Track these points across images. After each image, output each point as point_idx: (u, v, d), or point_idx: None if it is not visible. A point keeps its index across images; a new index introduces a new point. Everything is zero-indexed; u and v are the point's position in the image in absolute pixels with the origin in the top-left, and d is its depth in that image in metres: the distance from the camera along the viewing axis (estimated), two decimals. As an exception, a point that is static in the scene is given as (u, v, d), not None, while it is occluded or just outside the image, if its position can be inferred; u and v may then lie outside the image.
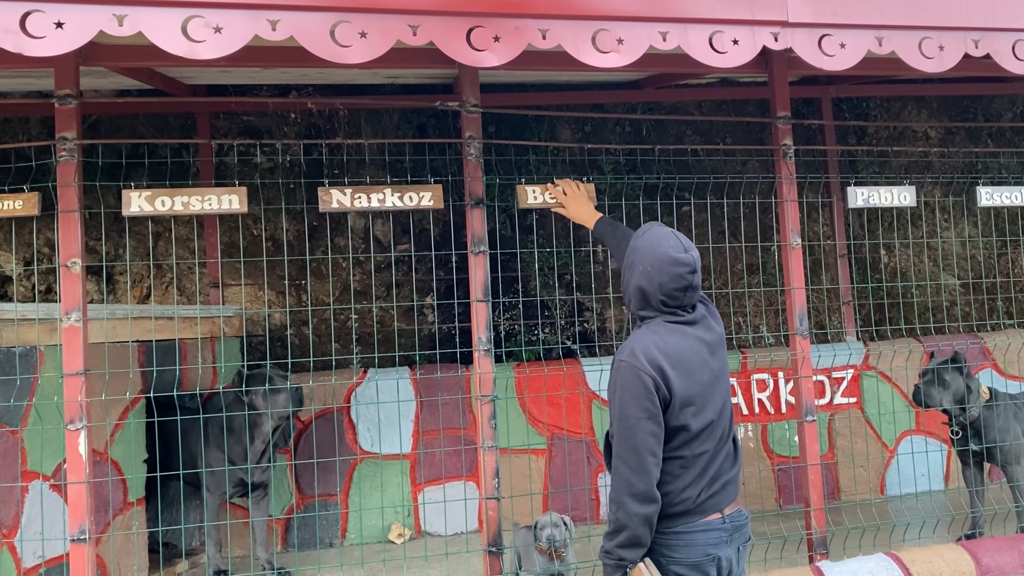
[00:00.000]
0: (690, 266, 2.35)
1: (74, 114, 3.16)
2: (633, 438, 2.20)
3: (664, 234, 2.40)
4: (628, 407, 2.21)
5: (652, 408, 2.20)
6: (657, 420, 2.21)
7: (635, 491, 2.18)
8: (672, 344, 2.29)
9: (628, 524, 2.17)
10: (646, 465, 2.19)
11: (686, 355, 2.30)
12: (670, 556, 2.26)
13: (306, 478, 4.86)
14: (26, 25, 2.46)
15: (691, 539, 2.26)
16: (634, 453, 2.19)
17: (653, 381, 2.21)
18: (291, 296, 5.37)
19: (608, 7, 2.86)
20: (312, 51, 2.65)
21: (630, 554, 2.20)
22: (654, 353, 2.25)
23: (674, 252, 2.35)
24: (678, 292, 2.34)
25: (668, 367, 2.24)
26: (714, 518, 2.30)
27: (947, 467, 5.53)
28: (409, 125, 5.60)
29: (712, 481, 2.31)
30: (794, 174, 3.86)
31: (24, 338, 3.66)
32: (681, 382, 2.26)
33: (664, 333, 2.31)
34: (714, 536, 2.29)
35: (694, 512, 2.28)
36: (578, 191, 3.69)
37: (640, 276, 2.38)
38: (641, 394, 2.20)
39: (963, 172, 6.11)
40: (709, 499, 2.30)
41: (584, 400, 5.15)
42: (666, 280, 2.34)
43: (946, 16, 3.21)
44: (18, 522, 3.62)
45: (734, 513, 2.35)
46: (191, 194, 3.29)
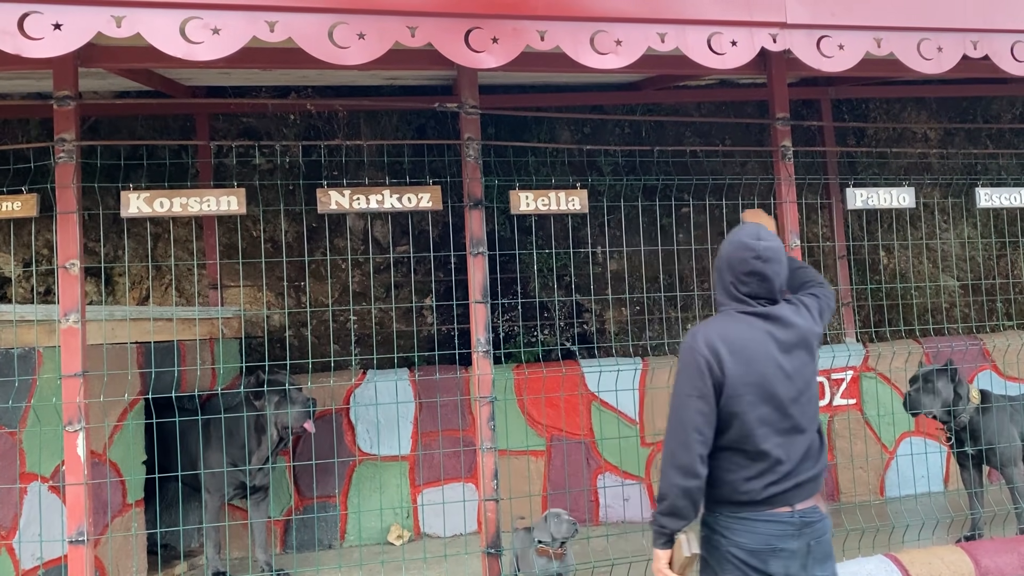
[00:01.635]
0: (754, 251, 2.41)
1: (73, 115, 3.17)
2: (682, 413, 2.31)
3: (746, 226, 2.52)
4: (681, 384, 2.34)
5: (703, 388, 2.30)
6: (707, 400, 2.30)
7: (677, 463, 2.28)
8: (735, 331, 2.37)
9: (668, 494, 2.29)
10: (690, 440, 2.28)
11: (748, 344, 2.36)
12: (731, 539, 2.33)
13: (305, 480, 4.85)
14: (24, 26, 2.46)
15: (754, 527, 2.33)
16: (681, 428, 2.31)
17: (707, 362, 2.31)
18: (290, 297, 5.37)
19: (606, 8, 2.86)
20: (310, 52, 2.65)
21: (670, 522, 2.31)
22: (713, 337, 2.34)
23: (746, 238, 2.44)
24: (745, 276, 2.41)
25: (725, 352, 2.32)
26: (782, 511, 2.34)
27: (947, 469, 5.52)
28: (408, 126, 5.60)
29: (783, 478, 2.34)
30: (793, 175, 3.87)
31: (23, 339, 3.66)
32: (737, 369, 2.32)
33: (730, 321, 2.41)
34: (778, 528, 2.33)
35: (760, 503, 2.33)
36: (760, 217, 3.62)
37: (717, 260, 2.51)
38: (694, 373, 2.31)
39: (962, 173, 6.11)
40: (779, 494, 2.34)
41: (583, 401, 5.14)
42: (734, 262, 2.43)
43: (944, 17, 3.21)
44: (16, 524, 3.62)
45: (807, 509, 2.37)
46: (189, 195, 3.29)
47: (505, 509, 4.34)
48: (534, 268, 5.57)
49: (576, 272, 5.62)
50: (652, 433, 5.21)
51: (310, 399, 4.20)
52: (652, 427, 5.21)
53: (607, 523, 5.11)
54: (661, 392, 5.20)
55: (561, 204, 3.66)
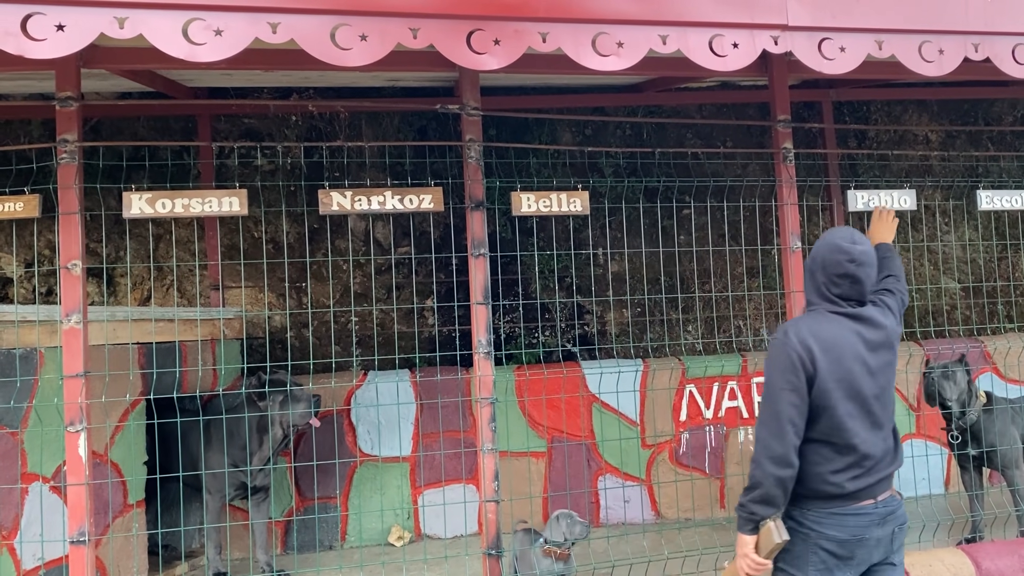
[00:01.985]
0: (849, 254, 2.49)
1: (75, 116, 3.17)
2: (776, 405, 2.41)
3: (842, 229, 2.60)
4: (774, 378, 2.43)
5: (796, 381, 2.40)
6: (800, 394, 2.40)
7: (772, 453, 2.38)
8: (826, 330, 2.47)
9: (763, 482, 2.39)
10: (784, 431, 2.38)
11: (838, 342, 2.45)
12: (820, 532, 2.43)
13: (306, 481, 4.85)
14: (27, 27, 2.46)
15: (842, 520, 2.43)
16: (775, 419, 2.40)
17: (799, 357, 2.40)
18: (291, 298, 5.38)
19: (608, 10, 2.86)
20: (312, 54, 2.65)
21: (761, 510, 2.41)
22: (804, 334, 2.44)
23: (840, 241, 2.53)
24: (838, 278, 2.50)
25: (817, 348, 2.41)
26: (867, 503, 2.45)
27: (947, 471, 5.52)
28: (410, 128, 5.60)
29: (867, 472, 2.44)
30: (794, 177, 3.87)
31: (25, 340, 3.66)
32: (828, 365, 2.41)
33: (821, 320, 2.50)
34: (865, 519, 2.43)
35: (847, 497, 2.43)
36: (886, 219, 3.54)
37: (809, 260, 2.60)
38: (787, 368, 2.41)
39: (964, 176, 6.11)
40: (863, 488, 2.44)
41: (584, 403, 5.14)
42: (828, 265, 2.52)
43: (946, 20, 3.21)
44: (18, 524, 3.62)
45: (887, 499, 2.48)
46: (191, 196, 3.29)
47: (506, 510, 4.35)
48: (535, 269, 5.57)
49: (577, 273, 5.62)
50: (652, 435, 5.21)
51: (314, 395, 4.22)
52: (652, 429, 5.21)
53: (607, 525, 5.11)
54: (662, 394, 5.21)
55: (562, 206, 3.67)
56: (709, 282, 5.74)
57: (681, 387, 5.28)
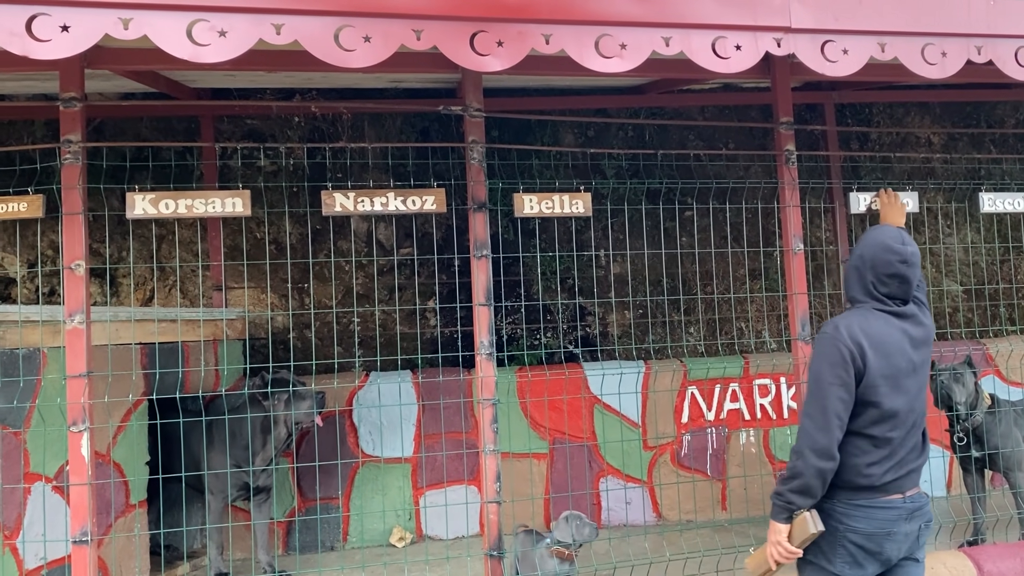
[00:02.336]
0: (900, 255, 2.54)
1: (79, 117, 3.18)
2: (823, 399, 2.44)
3: (888, 228, 2.66)
4: (823, 371, 2.46)
5: (845, 376, 2.43)
6: (848, 389, 2.44)
7: (816, 445, 2.41)
8: (875, 327, 2.51)
9: (804, 473, 2.42)
10: (830, 425, 2.42)
11: (886, 339, 2.50)
12: (848, 524, 2.47)
13: (308, 481, 4.86)
14: (32, 28, 2.47)
15: (870, 513, 2.47)
16: (822, 413, 2.43)
17: (850, 352, 2.44)
18: (293, 299, 5.38)
19: (611, 12, 2.86)
20: (316, 55, 2.66)
21: (799, 500, 2.45)
22: (855, 330, 2.48)
23: (891, 241, 2.57)
24: (887, 278, 2.55)
25: (867, 345, 2.46)
26: (895, 497, 2.50)
27: (949, 473, 5.52)
28: (412, 129, 5.61)
29: (898, 465, 2.50)
30: (796, 179, 3.87)
31: (27, 340, 3.67)
32: (877, 361, 2.46)
33: (869, 316, 2.54)
34: (893, 513, 2.48)
35: (877, 489, 2.48)
36: (895, 202, 3.81)
37: (857, 259, 2.62)
38: (836, 362, 2.44)
39: (966, 178, 6.11)
40: (893, 481, 2.49)
41: (586, 404, 5.14)
42: (878, 264, 2.56)
43: (948, 22, 3.21)
44: (20, 523, 3.63)
45: (915, 495, 2.54)
46: (195, 197, 3.30)
47: (508, 512, 4.35)
48: (537, 271, 5.58)
49: (579, 275, 5.62)
50: (654, 437, 5.21)
51: (317, 393, 4.23)
52: (654, 431, 5.21)
53: (609, 526, 5.11)
54: (663, 395, 5.20)
55: (565, 207, 3.67)
56: (711, 284, 5.74)
57: (683, 389, 5.28)
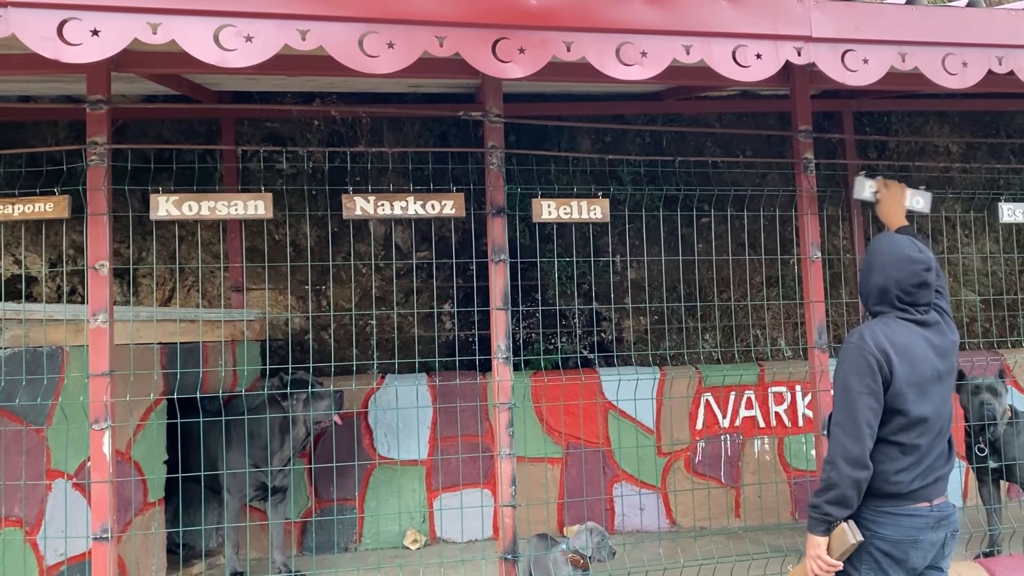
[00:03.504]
0: (925, 264, 2.60)
1: (104, 119, 3.22)
2: (853, 409, 2.46)
3: (901, 239, 2.69)
4: (851, 381, 2.49)
5: (873, 385, 2.47)
6: (877, 397, 2.47)
7: (849, 455, 2.44)
8: (900, 335, 2.55)
9: (839, 483, 2.45)
10: (862, 434, 2.45)
11: (911, 347, 2.54)
12: (875, 531, 2.50)
13: (323, 482, 4.89)
14: (63, 32, 2.51)
15: (897, 520, 2.50)
16: (852, 422, 2.46)
17: (876, 361, 2.47)
18: (311, 301, 5.42)
19: (632, 20, 2.88)
20: (341, 61, 2.69)
21: (836, 511, 2.47)
22: (881, 339, 2.52)
23: (910, 252, 2.61)
24: (913, 288, 2.59)
25: (893, 353, 2.50)
26: (922, 506, 2.52)
27: (965, 484, 5.49)
28: (430, 133, 5.64)
29: (926, 473, 2.52)
30: (815, 187, 3.87)
31: (50, 338, 3.72)
32: (904, 369, 2.49)
33: (895, 325, 2.58)
34: (919, 522, 2.50)
35: (905, 496, 2.51)
36: (899, 192, 3.78)
37: (879, 274, 2.64)
38: (864, 371, 2.47)
39: (984, 188, 6.08)
40: (920, 488, 2.51)
41: (601, 410, 5.15)
42: (903, 276, 2.59)
43: (970, 32, 3.21)
44: (41, 520, 3.68)
45: (942, 504, 2.56)
46: (217, 199, 3.34)
47: (522, 516, 4.36)
48: (554, 276, 5.59)
49: (595, 280, 5.63)
50: (668, 443, 5.21)
51: (336, 392, 4.26)
52: (668, 437, 5.21)
53: (623, 532, 5.12)
54: (678, 402, 5.21)
55: (583, 213, 3.69)
56: (727, 291, 5.74)
57: (698, 396, 5.28)
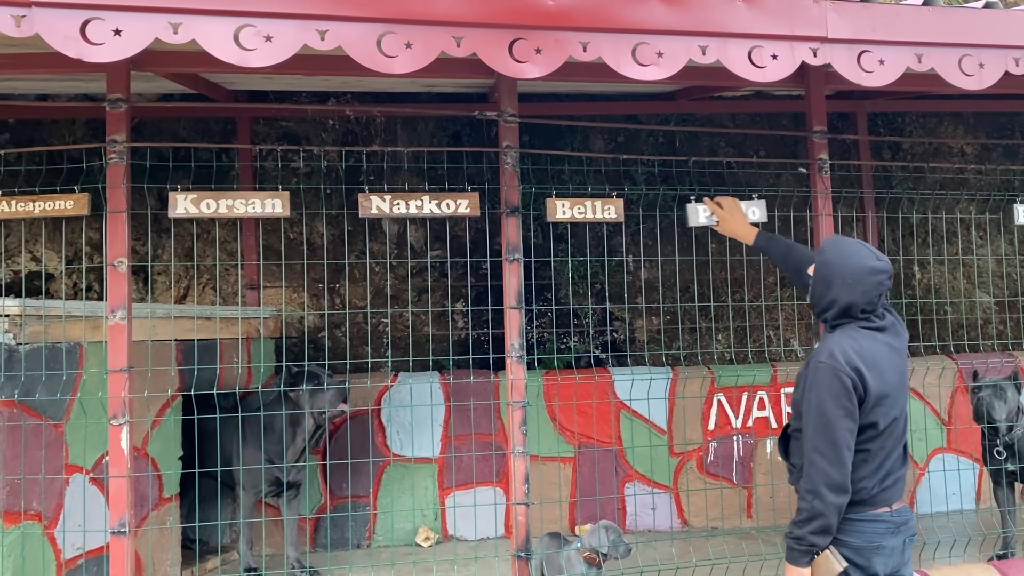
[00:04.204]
0: (887, 272, 2.54)
1: (124, 117, 3.26)
2: (832, 433, 2.39)
3: (854, 245, 2.59)
4: (827, 404, 2.41)
5: (849, 406, 2.41)
6: (853, 417, 2.42)
7: (833, 482, 2.37)
8: (866, 347, 2.49)
9: (824, 512, 2.38)
10: (843, 459, 2.39)
11: (877, 358, 2.49)
12: (839, 539, 2.45)
13: (336, 479, 4.91)
14: (86, 32, 2.54)
15: (860, 527, 2.46)
16: (833, 447, 2.38)
17: (851, 381, 2.41)
18: (325, 299, 5.44)
19: (648, 20, 2.89)
20: (359, 61, 2.71)
21: (821, 540, 2.41)
22: (851, 355, 2.44)
23: (870, 262, 2.53)
24: (876, 298, 2.54)
25: (864, 368, 2.44)
26: (883, 511, 2.49)
27: (978, 486, 5.47)
28: (444, 133, 5.66)
29: (886, 476, 2.50)
30: (830, 188, 3.87)
31: (69, 335, 3.75)
32: (875, 383, 2.45)
33: (858, 337, 2.50)
34: (881, 527, 2.47)
35: (867, 503, 2.47)
36: (735, 207, 3.79)
37: (841, 289, 2.53)
38: (840, 393, 2.40)
39: (999, 189, 6.06)
40: (881, 492, 2.49)
41: (613, 410, 5.16)
42: (869, 289, 2.52)
43: (987, 34, 3.21)
44: (59, 514, 3.71)
45: (900, 508, 2.53)
46: (235, 197, 3.37)
47: (534, 514, 4.37)
48: (566, 275, 5.60)
49: (608, 280, 5.64)
50: (680, 443, 5.21)
51: (343, 383, 4.29)
52: (681, 437, 5.21)
53: (635, 532, 5.13)
54: (691, 402, 5.21)
55: (597, 212, 3.69)
56: (740, 291, 5.74)
57: (710, 396, 5.28)
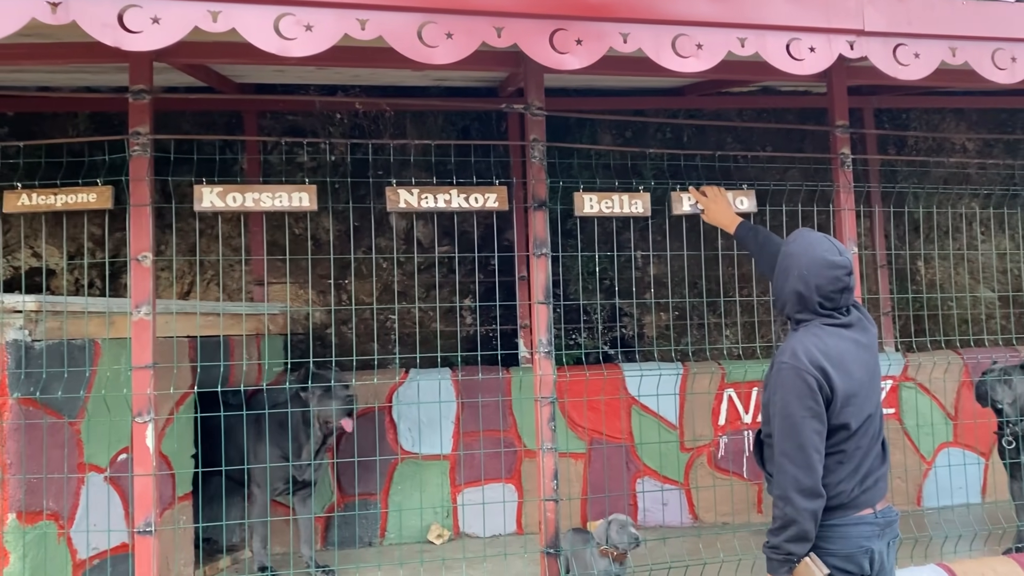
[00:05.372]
0: (846, 268, 2.44)
1: (147, 109, 3.19)
2: (799, 436, 2.30)
3: (817, 238, 2.50)
4: (792, 406, 2.32)
5: (816, 407, 2.31)
6: (821, 419, 2.32)
7: (802, 487, 2.28)
8: (831, 345, 2.39)
9: (797, 519, 2.28)
10: (812, 462, 2.29)
11: (844, 355, 2.40)
12: (825, 548, 2.36)
13: (347, 477, 4.86)
14: (124, 20, 2.48)
15: (845, 532, 2.37)
16: (800, 451, 2.29)
17: (816, 381, 2.31)
18: (332, 296, 5.38)
19: (688, 12, 2.87)
20: (400, 51, 2.66)
21: (798, 548, 2.31)
22: (815, 354, 2.35)
23: (829, 255, 2.44)
24: (835, 294, 2.44)
25: (829, 367, 2.34)
26: (866, 513, 2.40)
27: (984, 480, 5.51)
28: (452, 127, 5.61)
29: (865, 477, 2.40)
30: (852, 183, 3.88)
31: (82, 331, 3.67)
32: (842, 381, 2.35)
33: (823, 335, 2.41)
34: (866, 530, 2.38)
35: (849, 506, 2.38)
36: (720, 195, 3.74)
37: (796, 280, 2.46)
38: (805, 394, 2.31)
39: (1001, 184, 6.11)
40: (862, 494, 2.39)
41: (624, 405, 5.15)
42: (823, 283, 2.43)
43: (1019, 28, 3.21)
44: (75, 514, 3.64)
45: (884, 509, 2.45)
46: (262, 191, 3.30)
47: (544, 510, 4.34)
48: (575, 271, 5.57)
49: (616, 276, 5.62)
50: (691, 439, 5.21)
51: (350, 396, 4.17)
52: (692, 432, 5.21)
53: (645, 527, 5.11)
54: (702, 397, 5.20)
55: (624, 207, 3.68)
56: (748, 286, 5.74)
57: (720, 391, 5.28)
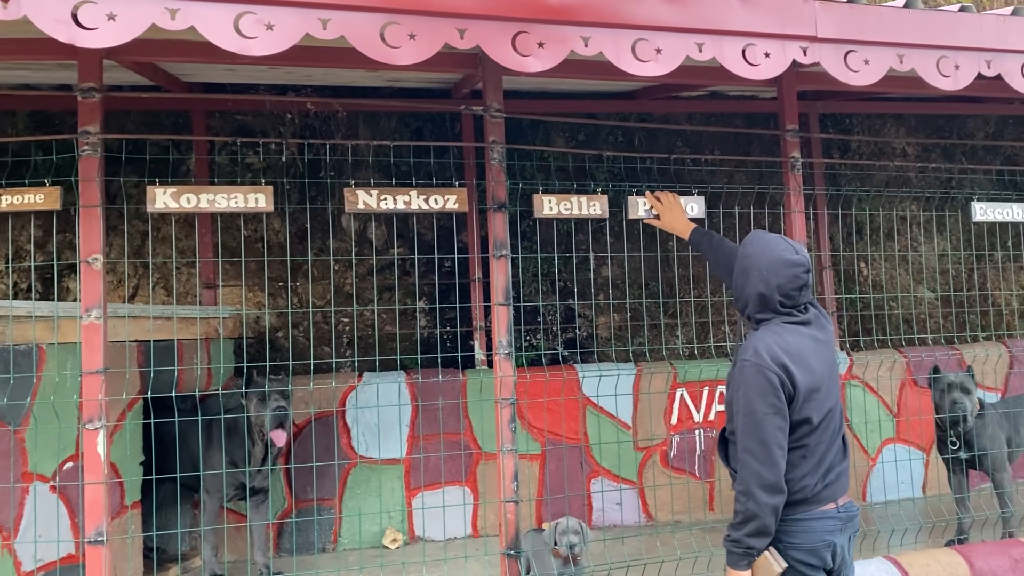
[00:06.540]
0: (804, 266, 2.49)
1: (98, 108, 3.10)
2: (761, 432, 2.33)
3: (774, 239, 2.54)
4: (755, 403, 2.35)
5: (778, 403, 2.34)
6: (783, 415, 2.35)
7: (764, 482, 2.31)
8: (792, 342, 2.43)
9: (759, 514, 2.31)
10: (774, 457, 2.32)
11: (804, 352, 2.43)
12: (788, 542, 2.40)
13: (300, 482, 4.79)
14: (78, 16, 2.40)
15: (808, 526, 2.40)
16: (763, 447, 2.32)
17: (778, 378, 2.35)
18: (282, 298, 5.30)
19: (648, 17, 2.89)
20: (362, 51, 2.64)
21: (758, 542, 2.34)
22: (776, 351, 2.39)
23: (787, 255, 2.48)
24: (794, 292, 2.49)
25: (791, 363, 2.38)
26: (829, 507, 2.44)
27: (925, 475, 5.68)
28: (406, 128, 5.58)
29: (827, 471, 2.45)
30: (801, 185, 3.96)
31: (26, 336, 3.56)
32: (803, 377, 2.39)
33: (783, 332, 2.45)
34: (829, 524, 2.42)
35: (812, 501, 2.42)
36: (674, 202, 3.77)
37: (757, 281, 2.50)
38: (767, 391, 2.34)
39: (939, 187, 6.31)
40: (825, 488, 2.43)
41: (580, 406, 5.17)
42: (784, 282, 2.48)
43: (962, 36, 3.32)
44: (19, 524, 3.52)
45: (846, 504, 2.50)
46: (217, 192, 3.23)
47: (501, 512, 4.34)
48: (537, 273, 5.58)
49: (570, 278, 5.65)
50: (645, 438, 5.26)
51: (282, 405, 4.03)
52: (645, 432, 5.26)
53: (602, 527, 5.15)
54: (654, 397, 5.26)
55: (583, 208, 3.70)
56: (699, 288, 5.83)
57: (672, 391, 5.34)
